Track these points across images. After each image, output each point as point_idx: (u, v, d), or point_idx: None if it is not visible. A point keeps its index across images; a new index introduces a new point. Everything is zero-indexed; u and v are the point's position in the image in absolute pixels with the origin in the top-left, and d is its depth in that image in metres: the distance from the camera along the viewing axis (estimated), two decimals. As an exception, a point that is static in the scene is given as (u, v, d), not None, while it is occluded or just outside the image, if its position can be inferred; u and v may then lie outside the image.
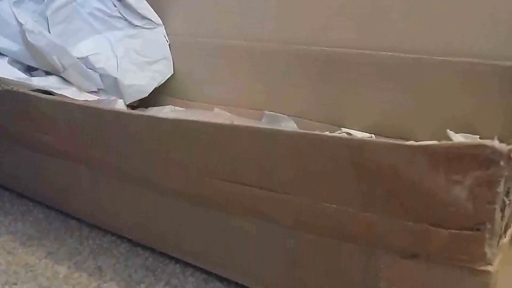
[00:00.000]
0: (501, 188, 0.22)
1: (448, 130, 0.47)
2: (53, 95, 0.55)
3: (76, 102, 0.45)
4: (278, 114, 0.58)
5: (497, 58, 0.44)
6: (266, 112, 0.58)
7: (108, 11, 0.65)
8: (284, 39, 0.57)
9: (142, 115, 0.36)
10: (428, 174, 0.23)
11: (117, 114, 0.36)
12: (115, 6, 0.66)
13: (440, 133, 0.47)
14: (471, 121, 0.47)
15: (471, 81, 0.46)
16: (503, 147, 0.20)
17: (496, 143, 0.20)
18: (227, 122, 0.28)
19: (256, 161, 0.29)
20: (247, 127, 0.27)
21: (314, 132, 0.25)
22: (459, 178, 0.22)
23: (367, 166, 0.24)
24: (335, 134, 0.49)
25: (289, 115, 0.58)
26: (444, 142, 0.21)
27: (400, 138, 0.50)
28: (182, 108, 0.67)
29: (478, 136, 0.46)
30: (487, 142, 0.20)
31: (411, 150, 0.22)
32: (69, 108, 0.41)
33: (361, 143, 0.24)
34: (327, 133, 0.51)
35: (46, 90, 0.55)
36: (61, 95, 0.57)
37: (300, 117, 0.58)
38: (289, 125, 0.57)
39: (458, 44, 0.46)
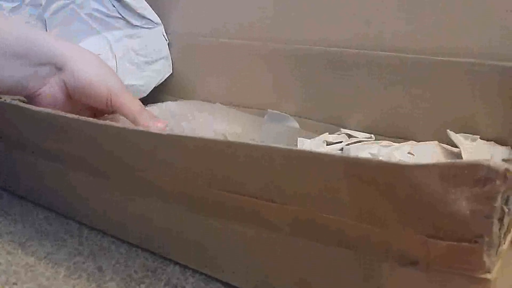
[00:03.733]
0: (498, 203, 0.22)
1: (448, 130, 0.47)
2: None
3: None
4: (280, 112, 0.57)
5: (497, 59, 0.44)
6: (269, 110, 0.58)
7: (106, 11, 0.65)
8: (284, 39, 0.57)
9: (137, 131, 0.36)
10: (425, 190, 0.23)
11: (117, 129, 0.36)
12: (114, 6, 0.66)
13: (440, 133, 0.47)
14: (472, 121, 0.47)
15: (471, 81, 0.46)
16: (499, 166, 0.20)
17: (492, 162, 0.20)
18: (222, 138, 0.28)
19: (252, 176, 0.29)
20: (242, 145, 0.27)
21: (309, 150, 0.25)
22: (456, 194, 0.22)
23: (363, 182, 0.24)
24: (332, 147, 0.49)
25: (289, 115, 0.57)
26: (440, 162, 0.21)
27: (400, 138, 0.50)
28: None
29: (479, 136, 0.46)
30: (483, 161, 0.20)
31: (407, 169, 0.22)
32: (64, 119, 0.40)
33: (356, 161, 0.24)
34: (324, 138, 0.51)
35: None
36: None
37: (300, 117, 0.57)
38: (292, 124, 0.57)
39: (459, 44, 0.46)
